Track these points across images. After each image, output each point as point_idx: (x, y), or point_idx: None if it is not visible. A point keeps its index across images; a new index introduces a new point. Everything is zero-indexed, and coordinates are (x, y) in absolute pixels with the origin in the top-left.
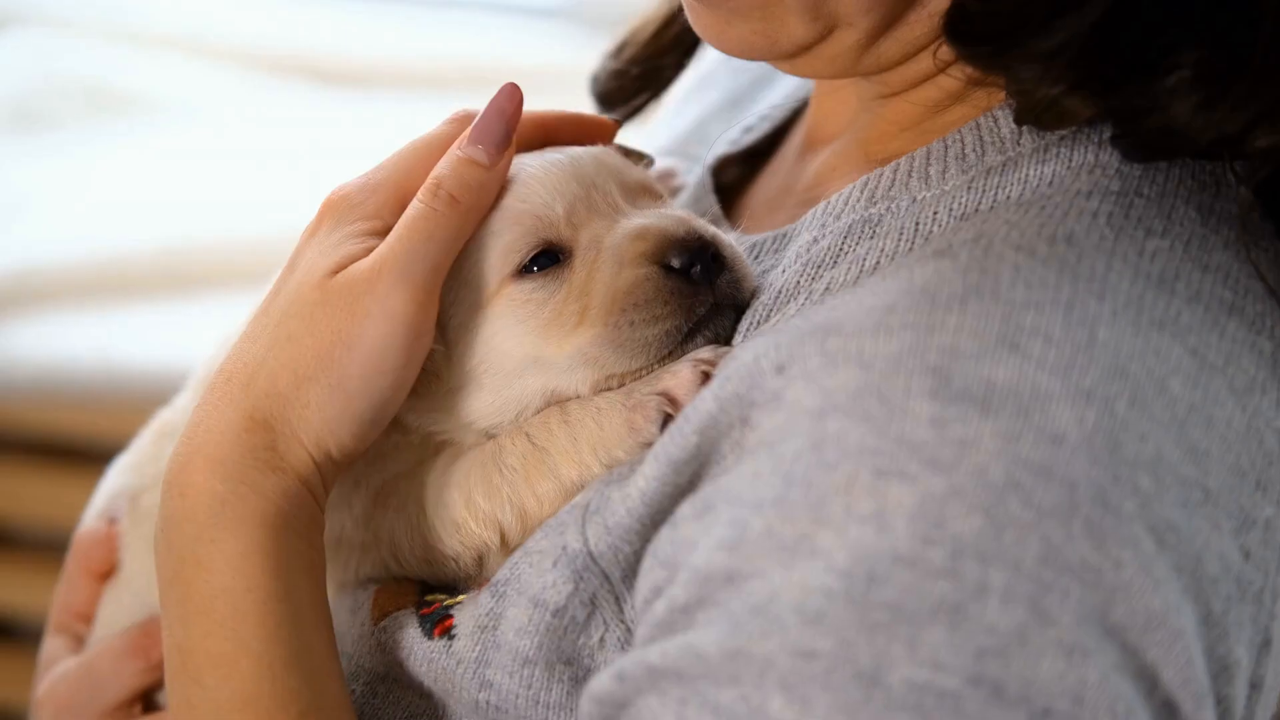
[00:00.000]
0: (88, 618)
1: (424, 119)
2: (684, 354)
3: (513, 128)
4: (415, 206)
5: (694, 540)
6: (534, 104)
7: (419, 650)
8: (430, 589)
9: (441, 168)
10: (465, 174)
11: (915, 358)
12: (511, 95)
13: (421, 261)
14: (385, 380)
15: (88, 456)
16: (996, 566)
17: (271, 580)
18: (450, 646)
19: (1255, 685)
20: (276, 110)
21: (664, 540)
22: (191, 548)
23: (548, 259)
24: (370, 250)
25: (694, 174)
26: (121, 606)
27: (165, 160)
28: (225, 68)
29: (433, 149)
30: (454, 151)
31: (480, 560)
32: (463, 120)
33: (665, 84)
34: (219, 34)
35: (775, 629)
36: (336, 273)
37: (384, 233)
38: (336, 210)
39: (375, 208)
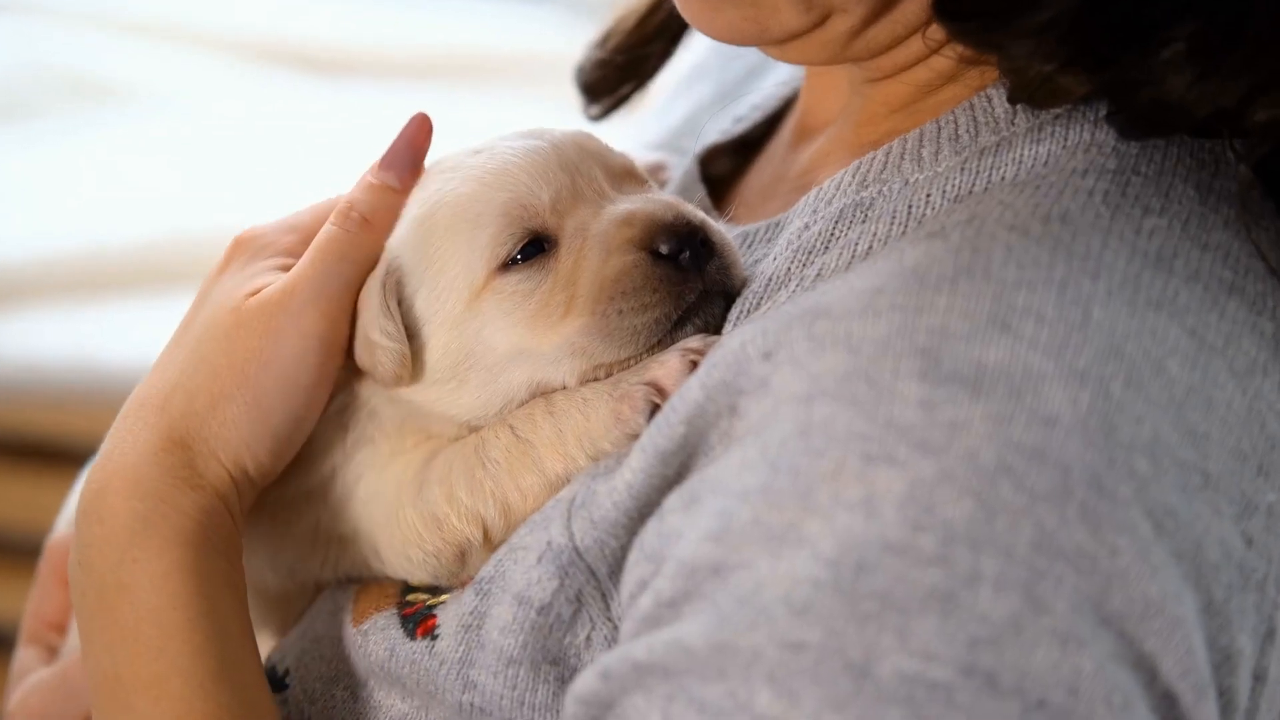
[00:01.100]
0: (61, 627)
1: (413, 108)
2: (673, 342)
3: (422, 155)
4: (328, 230)
5: (680, 532)
6: (525, 93)
7: (401, 652)
8: (412, 589)
9: (354, 193)
10: (377, 198)
11: (904, 339)
12: (421, 125)
13: (336, 280)
14: (300, 397)
15: (65, 458)
16: (988, 553)
17: (197, 597)
18: (433, 647)
19: (1259, 677)
20: (263, 100)
21: (650, 533)
22: (114, 572)
23: (533, 248)
24: (267, 275)
25: (683, 166)
26: None
27: (149, 151)
28: (211, 56)
29: None
30: (365, 178)
31: (463, 557)
32: None
33: (650, 73)
34: (204, 22)
35: (762, 621)
36: (245, 298)
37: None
38: (249, 247)
39: (289, 247)
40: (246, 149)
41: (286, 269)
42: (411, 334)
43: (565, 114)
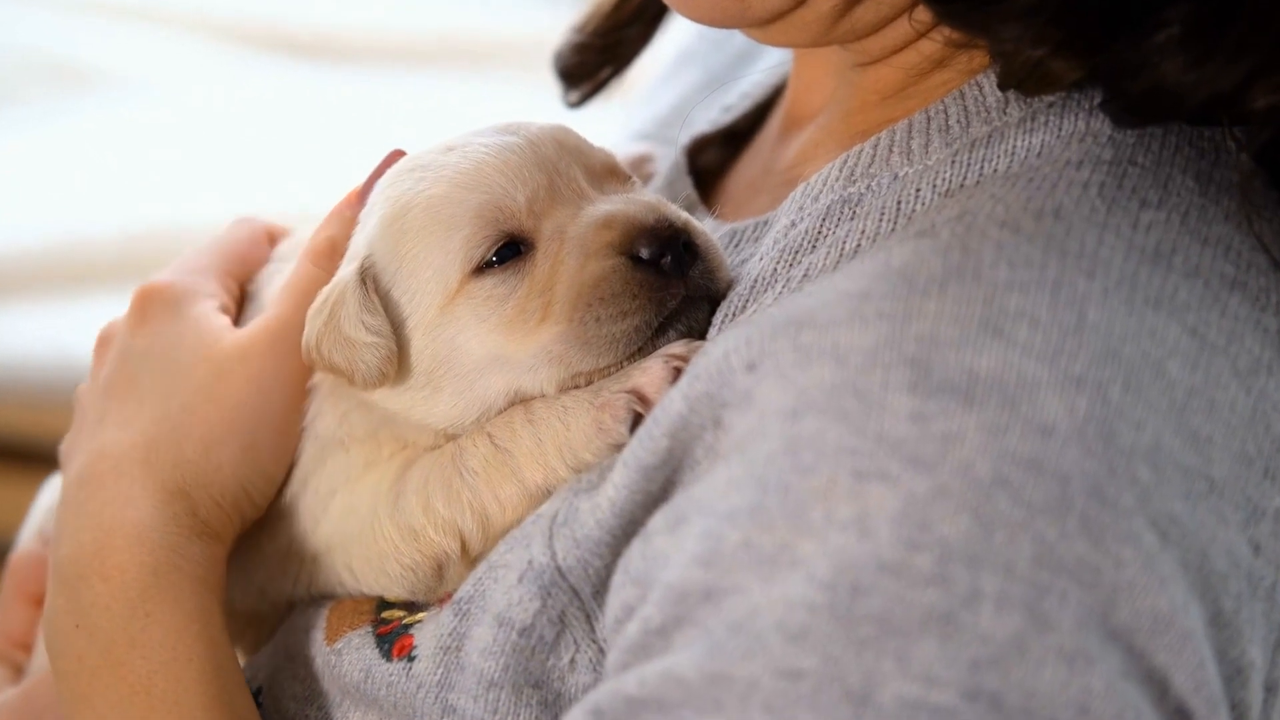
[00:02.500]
0: (26, 645)
1: (404, 93)
2: (654, 349)
3: None
4: (308, 270)
5: (667, 555)
6: (514, 77)
7: (377, 673)
8: (387, 605)
9: (333, 230)
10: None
11: (892, 349)
12: (398, 158)
13: None
14: (288, 439)
15: (42, 460)
16: (988, 571)
17: (209, 649)
18: (410, 669)
19: (1270, 688)
20: (248, 85)
21: (635, 555)
22: (122, 628)
23: (508, 250)
24: (230, 323)
25: (670, 157)
26: None
27: (129, 139)
28: (194, 40)
29: (236, 245)
30: (344, 212)
31: (440, 571)
32: (248, 222)
33: (629, 58)
34: (187, 5)
35: (757, 649)
36: (215, 344)
37: (230, 310)
38: (163, 298)
39: (212, 290)
40: (231, 137)
41: (224, 309)
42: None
43: (556, 100)
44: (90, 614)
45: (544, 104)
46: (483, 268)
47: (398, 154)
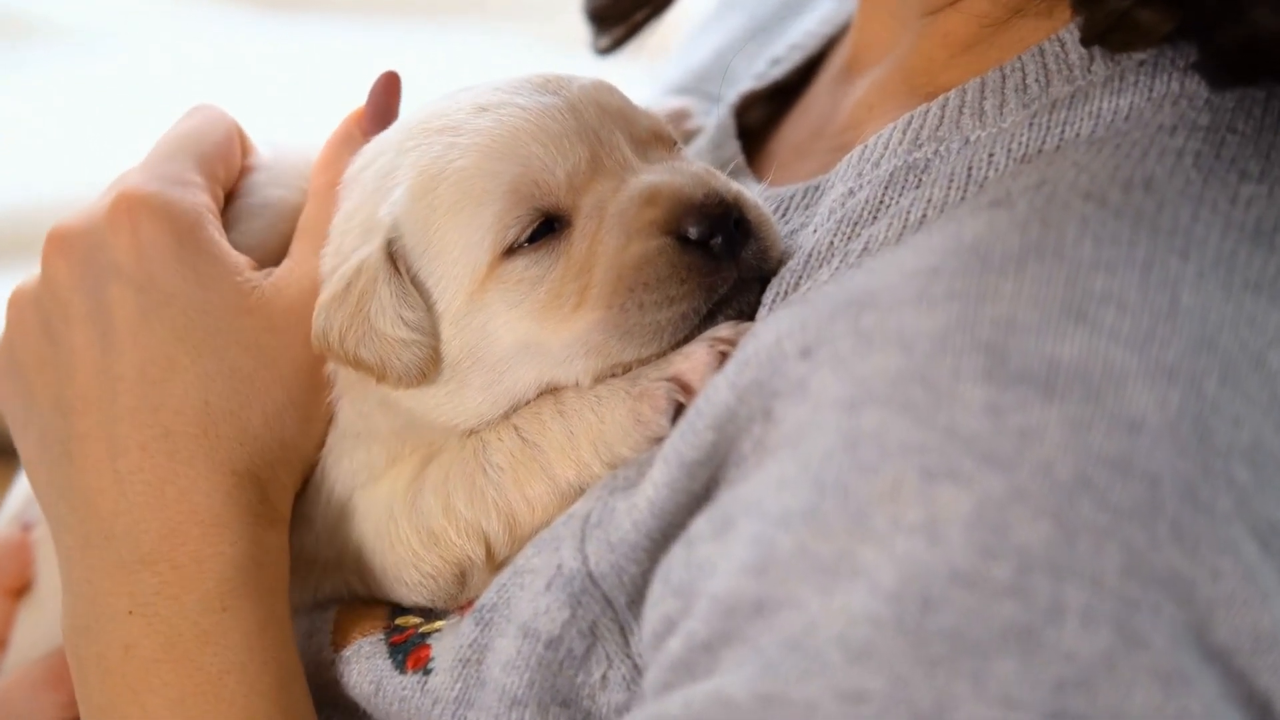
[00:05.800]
0: (3, 641)
1: (376, 48)
2: (699, 335)
3: (394, 115)
4: (331, 211)
5: (713, 563)
6: (508, 29)
7: (389, 686)
8: (402, 611)
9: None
10: None
11: (964, 333)
12: (389, 83)
13: None
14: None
15: None
16: (1072, 582)
17: (285, 653)
18: (426, 682)
19: None
20: (214, 40)
21: (677, 563)
22: (193, 620)
23: (543, 227)
24: (248, 259)
25: (713, 115)
26: (38, 628)
27: (80, 95)
28: None
29: (213, 144)
30: (350, 143)
31: (463, 578)
32: (211, 111)
33: None
34: None
35: (816, 668)
36: (253, 291)
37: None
38: (158, 210)
39: (210, 206)
40: (191, 95)
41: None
42: None
43: (552, 54)
44: (153, 602)
45: (538, 59)
46: (515, 248)
47: (392, 77)
